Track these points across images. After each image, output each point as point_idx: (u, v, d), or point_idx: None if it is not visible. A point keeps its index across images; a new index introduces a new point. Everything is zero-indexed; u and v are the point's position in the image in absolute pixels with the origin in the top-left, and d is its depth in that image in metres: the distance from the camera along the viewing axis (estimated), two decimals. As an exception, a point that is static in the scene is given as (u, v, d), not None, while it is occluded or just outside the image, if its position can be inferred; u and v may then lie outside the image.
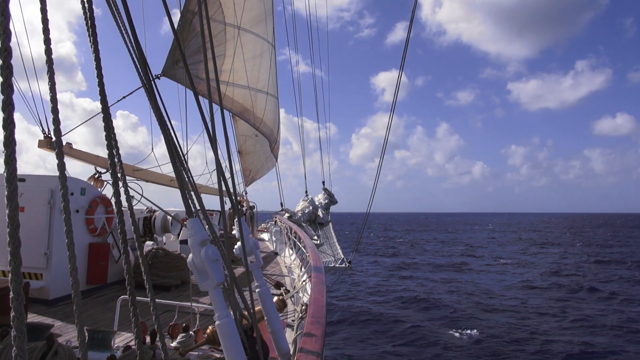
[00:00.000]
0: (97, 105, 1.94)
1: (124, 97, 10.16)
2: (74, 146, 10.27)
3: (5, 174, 1.32)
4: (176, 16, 9.74)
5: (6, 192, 1.30)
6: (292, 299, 6.63)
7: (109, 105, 1.98)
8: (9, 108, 1.29)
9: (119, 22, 1.97)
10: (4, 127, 1.29)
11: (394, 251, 50.48)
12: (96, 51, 1.90)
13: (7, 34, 1.28)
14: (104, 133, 2.01)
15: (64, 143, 9.92)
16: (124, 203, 2.12)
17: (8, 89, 1.29)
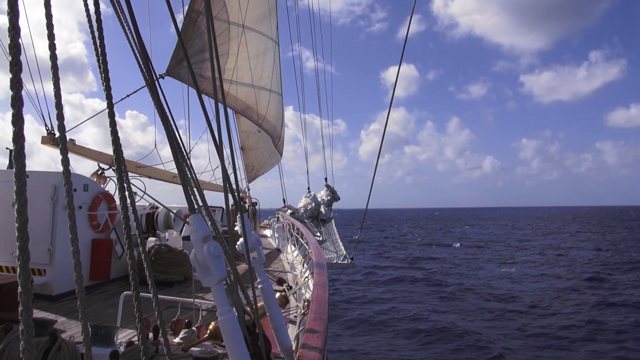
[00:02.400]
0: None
1: (127, 96, 10.23)
2: (86, 147, 10.39)
3: (14, 169, 1.32)
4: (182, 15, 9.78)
5: (15, 187, 1.30)
6: (295, 295, 6.65)
7: (114, 103, 1.99)
8: (18, 104, 1.29)
9: (123, 21, 1.98)
10: (13, 123, 1.29)
11: (401, 247, 50.49)
12: (102, 46, 1.91)
13: (17, 31, 1.28)
14: (110, 129, 2.02)
15: (67, 139, 9.96)
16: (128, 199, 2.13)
17: (17, 85, 1.29)
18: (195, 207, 2.20)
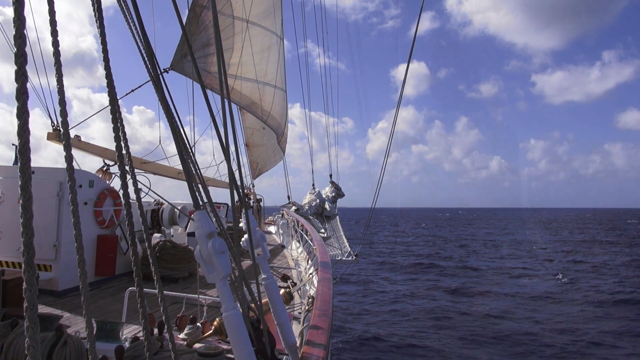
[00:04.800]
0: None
1: (132, 91, 10.24)
2: (92, 142, 10.43)
3: (19, 164, 1.29)
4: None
5: (20, 182, 1.28)
6: (299, 291, 6.66)
7: (118, 98, 1.98)
8: (23, 97, 1.26)
9: (127, 14, 1.97)
10: (18, 116, 1.26)
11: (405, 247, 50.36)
12: (103, 35, 1.90)
13: (22, 21, 1.25)
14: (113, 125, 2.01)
15: (72, 135, 10.02)
16: (132, 195, 2.12)
17: (22, 77, 1.26)
18: (200, 203, 2.19)
